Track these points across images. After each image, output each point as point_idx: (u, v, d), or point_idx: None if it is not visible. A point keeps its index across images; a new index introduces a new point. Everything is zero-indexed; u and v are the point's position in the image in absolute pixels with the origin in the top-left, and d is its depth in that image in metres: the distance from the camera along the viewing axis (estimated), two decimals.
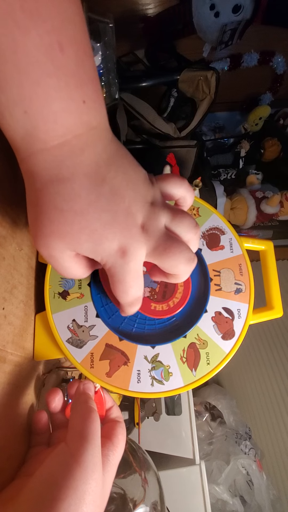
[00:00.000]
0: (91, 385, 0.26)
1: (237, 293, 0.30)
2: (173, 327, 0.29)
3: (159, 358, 0.28)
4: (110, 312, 0.29)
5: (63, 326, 0.28)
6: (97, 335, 0.28)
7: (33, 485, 0.19)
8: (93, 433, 0.21)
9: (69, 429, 0.22)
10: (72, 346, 0.28)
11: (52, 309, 0.29)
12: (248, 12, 0.62)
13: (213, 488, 0.69)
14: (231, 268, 0.31)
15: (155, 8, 0.66)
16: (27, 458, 0.25)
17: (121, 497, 0.31)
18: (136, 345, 0.28)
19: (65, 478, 0.18)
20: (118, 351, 0.28)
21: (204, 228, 0.32)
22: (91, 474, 0.19)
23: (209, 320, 0.29)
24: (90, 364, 0.27)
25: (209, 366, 0.28)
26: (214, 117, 0.97)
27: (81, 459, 0.19)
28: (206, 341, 0.29)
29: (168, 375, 0.28)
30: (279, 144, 0.83)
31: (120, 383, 0.27)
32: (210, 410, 0.91)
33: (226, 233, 0.32)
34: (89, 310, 0.29)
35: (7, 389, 0.24)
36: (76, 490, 0.18)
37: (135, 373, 0.28)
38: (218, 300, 0.30)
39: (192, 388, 0.28)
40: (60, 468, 0.19)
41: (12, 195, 0.26)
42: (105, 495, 0.20)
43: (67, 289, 0.29)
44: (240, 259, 0.31)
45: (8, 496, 0.20)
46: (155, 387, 0.27)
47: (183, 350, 0.28)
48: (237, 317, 0.30)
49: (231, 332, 0.29)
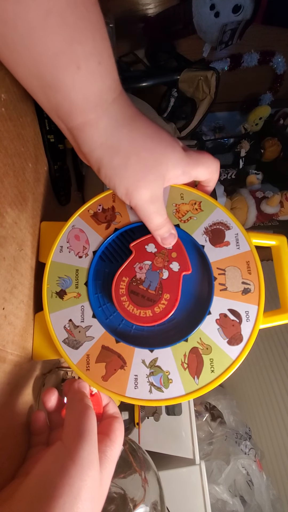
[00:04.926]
0: (85, 383, 0.26)
1: (244, 293, 0.27)
2: (173, 329, 0.28)
3: (158, 363, 0.26)
4: (107, 312, 0.29)
5: (59, 326, 0.28)
6: (94, 336, 0.27)
7: (28, 484, 0.19)
8: (88, 430, 0.21)
9: (65, 427, 0.22)
10: (68, 347, 0.27)
11: (50, 308, 0.28)
12: (248, 12, 0.62)
13: (213, 488, 0.69)
14: (238, 266, 0.28)
15: (155, 8, 0.66)
16: (26, 458, 0.25)
17: (121, 497, 0.31)
18: (133, 349, 0.27)
19: (60, 476, 0.18)
20: (115, 353, 0.27)
21: (207, 223, 0.29)
22: (86, 471, 0.18)
23: (213, 323, 0.27)
24: (86, 366, 0.27)
25: (214, 374, 0.26)
26: (214, 117, 0.96)
27: (76, 456, 0.19)
28: (210, 346, 0.26)
29: (168, 382, 0.26)
30: (279, 144, 0.83)
31: (117, 388, 0.26)
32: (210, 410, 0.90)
33: (231, 228, 0.29)
34: (86, 310, 0.28)
35: (7, 389, 0.24)
36: (71, 487, 0.17)
37: (132, 378, 0.26)
38: (223, 301, 0.27)
39: (194, 398, 0.26)
40: (56, 466, 0.19)
41: (12, 195, 0.26)
42: (103, 492, 0.20)
43: (65, 288, 0.29)
44: (248, 256, 0.28)
45: (5, 496, 0.20)
46: (153, 394, 0.26)
47: (184, 355, 0.26)
48: (245, 320, 0.27)
49: (238, 337, 0.26)
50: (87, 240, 0.30)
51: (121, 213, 0.30)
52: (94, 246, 0.30)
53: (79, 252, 0.30)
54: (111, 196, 0.31)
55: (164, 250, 0.28)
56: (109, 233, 0.30)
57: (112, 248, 0.30)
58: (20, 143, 0.28)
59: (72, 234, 0.30)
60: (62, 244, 0.30)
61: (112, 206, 0.31)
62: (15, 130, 0.26)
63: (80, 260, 0.29)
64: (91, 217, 0.31)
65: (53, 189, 0.39)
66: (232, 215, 0.30)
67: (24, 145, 0.29)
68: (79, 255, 0.29)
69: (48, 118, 0.34)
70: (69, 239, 0.30)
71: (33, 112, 0.32)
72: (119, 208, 0.31)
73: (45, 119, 0.34)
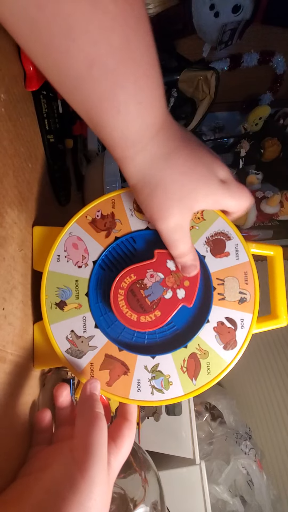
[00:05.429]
0: (97, 383, 0.25)
1: (241, 302, 0.29)
2: (173, 337, 0.29)
3: (159, 368, 0.28)
4: (109, 322, 0.29)
5: (61, 337, 0.28)
6: (97, 346, 0.28)
7: (38, 492, 0.19)
8: (99, 444, 0.20)
9: (75, 436, 0.21)
10: (71, 356, 0.28)
11: (50, 319, 0.28)
12: (248, 12, 0.62)
13: (213, 488, 0.69)
14: (236, 276, 0.29)
15: (155, 8, 0.66)
16: (28, 457, 0.25)
17: (121, 497, 0.31)
18: (136, 356, 0.28)
19: (71, 491, 0.18)
20: (118, 361, 0.28)
21: (209, 233, 0.30)
22: (96, 487, 0.19)
23: (211, 330, 0.28)
24: (90, 374, 0.27)
25: (209, 376, 0.28)
26: (214, 117, 0.96)
27: (86, 472, 0.19)
28: (207, 351, 0.28)
29: (168, 384, 0.27)
30: (279, 144, 0.83)
31: (120, 392, 0.27)
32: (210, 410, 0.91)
33: (232, 238, 0.30)
34: (88, 321, 0.28)
35: (7, 389, 0.24)
36: (81, 504, 0.18)
37: (135, 382, 0.27)
38: (221, 310, 0.29)
39: (192, 397, 0.28)
40: (66, 479, 0.19)
41: (12, 195, 0.26)
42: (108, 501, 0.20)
43: (64, 299, 0.28)
44: (246, 267, 0.29)
45: (10, 498, 0.20)
46: (155, 396, 0.27)
47: (183, 360, 0.28)
48: (240, 327, 0.28)
49: (233, 342, 0.28)
50: (86, 249, 0.29)
51: (121, 221, 0.30)
52: (94, 256, 0.29)
53: (78, 262, 0.29)
54: (110, 201, 0.30)
55: (180, 274, 0.28)
56: (109, 242, 0.29)
57: (112, 257, 0.30)
58: (20, 143, 0.28)
59: (70, 242, 0.29)
60: (59, 253, 0.29)
61: (111, 212, 0.30)
62: (15, 130, 0.26)
63: (79, 270, 0.29)
64: (90, 224, 0.29)
65: (53, 189, 0.39)
66: (233, 225, 0.30)
67: (24, 145, 0.29)
68: (78, 265, 0.29)
69: (48, 118, 0.34)
70: (67, 247, 0.29)
71: (33, 112, 0.32)
72: (119, 215, 0.30)
73: (45, 119, 0.34)
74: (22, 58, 0.28)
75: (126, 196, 0.30)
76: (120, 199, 0.30)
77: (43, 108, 0.33)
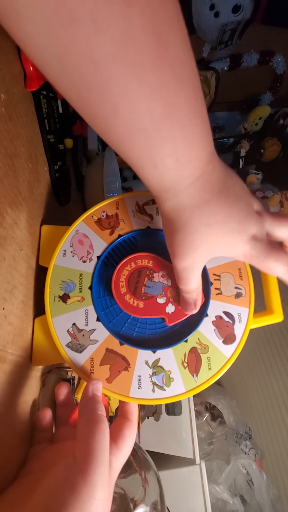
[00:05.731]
0: (100, 385, 0.25)
1: (237, 297, 0.30)
2: (174, 331, 0.29)
3: (160, 363, 0.28)
4: (111, 316, 0.29)
5: (63, 330, 0.28)
6: (98, 340, 0.28)
7: (40, 495, 0.19)
8: (101, 448, 0.20)
9: (77, 439, 0.21)
10: (71, 350, 0.27)
11: (52, 312, 0.28)
12: (248, 12, 0.63)
13: (213, 488, 0.69)
14: (231, 272, 0.31)
15: None
16: (28, 456, 0.25)
17: (121, 497, 0.31)
18: (137, 350, 0.28)
19: (72, 496, 0.18)
20: (119, 356, 0.28)
21: None
22: (98, 492, 0.19)
23: (210, 324, 0.29)
24: (90, 369, 0.27)
25: (211, 371, 0.28)
26: (214, 117, 0.97)
27: (88, 478, 0.19)
28: (207, 346, 0.28)
29: (169, 380, 0.27)
30: (279, 144, 0.83)
31: (121, 389, 0.27)
32: (210, 410, 0.91)
33: None
34: (90, 314, 0.29)
35: (7, 389, 0.24)
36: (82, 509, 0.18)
37: (135, 378, 0.27)
38: (219, 304, 0.30)
39: (193, 394, 0.27)
40: (67, 483, 0.19)
41: (12, 195, 0.26)
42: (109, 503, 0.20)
43: (68, 292, 0.29)
44: (239, 264, 0.31)
45: (12, 498, 0.20)
46: (156, 393, 0.27)
47: (184, 355, 0.28)
48: (238, 321, 0.29)
49: (232, 337, 0.29)
50: (91, 245, 0.31)
51: (125, 220, 0.32)
52: (98, 251, 0.31)
53: (83, 257, 0.30)
54: (114, 203, 0.32)
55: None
56: (113, 239, 0.31)
57: (114, 253, 0.31)
58: (20, 143, 0.28)
59: (76, 238, 0.31)
60: (65, 248, 0.30)
61: (115, 213, 0.32)
62: (15, 130, 0.27)
63: (84, 264, 0.30)
64: (95, 223, 0.32)
65: (53, 189, 0.39)
66: None
67: (24, 145, 0.29)
68: (83, 260, 0.30)
69: (48, 118, 0.34)
70: (73, 243, 0.31)
71: (33, 112, 0.32)
72: (123, 215, 0.32)
73: (45, 119, 0.34)
74: (22, 58, 0.28)
75: (129, 199, 0.33)
76: (124, 201, 0.33)
77: (43, 108, 0.33)
